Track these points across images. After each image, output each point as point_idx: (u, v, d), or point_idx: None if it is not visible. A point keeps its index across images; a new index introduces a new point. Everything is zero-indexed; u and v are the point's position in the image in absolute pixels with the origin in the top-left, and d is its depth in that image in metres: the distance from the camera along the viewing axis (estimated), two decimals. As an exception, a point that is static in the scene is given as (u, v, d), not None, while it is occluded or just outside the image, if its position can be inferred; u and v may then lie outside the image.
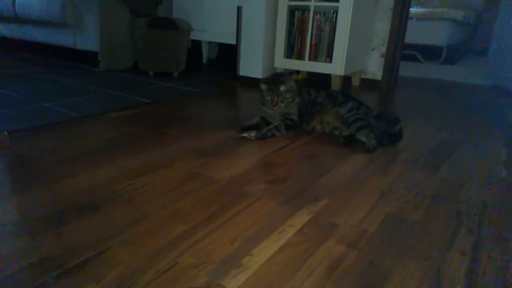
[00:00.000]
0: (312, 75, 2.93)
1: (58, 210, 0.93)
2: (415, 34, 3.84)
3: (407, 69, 3.39)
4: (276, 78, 1.57)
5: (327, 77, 2.53)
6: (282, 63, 2.63)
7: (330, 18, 2.40)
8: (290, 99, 1.56)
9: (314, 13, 2.44)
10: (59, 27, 2.99)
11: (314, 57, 2.51)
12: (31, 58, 3.20)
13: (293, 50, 2.59)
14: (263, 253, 0.80)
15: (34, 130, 1.48)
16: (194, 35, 3.09)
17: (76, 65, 2.94)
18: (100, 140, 1.42)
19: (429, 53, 4.14)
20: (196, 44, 3.40)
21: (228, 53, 3.28)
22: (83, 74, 2.63)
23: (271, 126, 1.56)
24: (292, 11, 2.53)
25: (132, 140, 1.44)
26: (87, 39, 2.83)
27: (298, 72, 2.91)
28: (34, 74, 2.54)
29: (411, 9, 2.72)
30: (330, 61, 2.43)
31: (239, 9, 2.76)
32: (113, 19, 2.73)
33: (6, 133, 1.31)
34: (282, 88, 1.53)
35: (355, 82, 2.73)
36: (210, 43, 3.48)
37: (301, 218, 0.94)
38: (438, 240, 0.88)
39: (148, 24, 2.59)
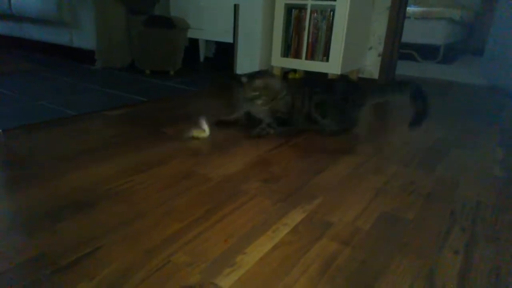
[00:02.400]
0: (309, 74, 2.93)
1: (53, 207, 0.93)
2: (412, 33, 3.84)
3: (404, 68, 3.39)
4: (254, 75, 1.57)
5: (324, 76, 2.53)
6: (279, 61, 2.63)
7: (327, 16, 2.40)
8: (268, 96, 1.53)
9: (311, 11, 2.44)
10: (55, 25, 2.97)
11: (311, 56, 2.51)
12: (27, 56, 3.19)
13: (290, 48, 2.59)
14: (257, 251, 0.80)
15: (30, 128, 1.47)
16: (191, 33, 3.09)
17: (73, 63, 2.93)
18: (96, 138, 1.42)
19: (426, 52, 4.15)
20: (194, 42, 3.40)
21: (226, 52, 3.28)
22: (80, 72, 2.62)
23: (263, 124, 1.56)
24: (289, 9, 2.53)
25: (129, 138, 1.44)
26: (83, 37, 2.82)
27: (295, 71, 2.91)
28: (30, 72, 2.53)
29: (408, 8, 2.73)
30: (327, 60, 2.43)
31: (236, 7, 2.76)
32: (110, 17, 2.72)
33: (0, 131, 1.31)
34: (258, 83, 1.52)
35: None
36: (207, 41, 3.47)
37: (296, 217, 0.94)
38: (431, 239, 0.89)
39: (145, 22, 2.59)
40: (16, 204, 0.94)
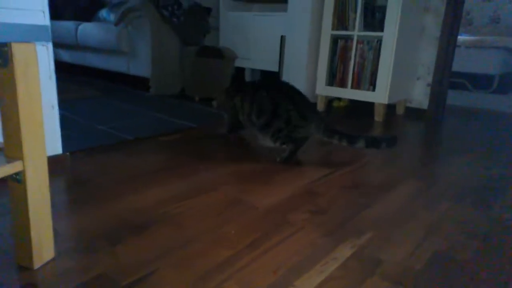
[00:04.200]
0: (354, 102, 2.92)
1: (112, 229, 0.99)
2: (464, 62, 3.73)
3: (455, 98, 3.28)
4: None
5: (369, 105, 2.51)
6: (324, 90, 2.65)
7: (374, 46, 2.41)
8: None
9: (358, 42, 2.46)
10: (114, 54, 3.23)
11: (356, 85, 2.51)
12: (88, 82, 3.46)
13: (335, 77, 2.61)
14: (306, 285, 0.80)
15: (92, 151, 1.59)
16: (238, 63, 3.21)
17: (129, 90, 3.14)
18: (150, 162, 1.51)
19: (479, 82, 3.98)
20: (240, 70, 3.52)
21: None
22: (135, 98, 2.80)
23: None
24: (335, 40, 2.57)
25: (180, 163, 1.51)
26: (139, 65, 3.03)
27: (339, 99, 2.91)
28: (91, 98, 2.75)
29: (459, 36, 2.66)
30: (373, 90, 2.42)
31: (282, 38, 2.85)
32: (164, 47, 2.91)
33: (68, 153, 1.43)
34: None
35: (400, 111, 2.68)
36: (253, 69, 3.59)
37: (345, 251, 0.93)
38: (489, 284, 0.84)
39: (197, 52, 2.74)
40: (79, 225, 1.02)
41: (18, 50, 0.69)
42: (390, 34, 2.29)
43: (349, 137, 1.51)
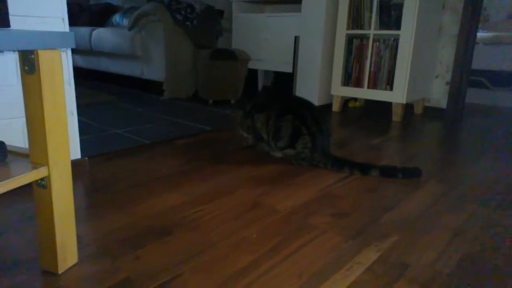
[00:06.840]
0: (370, 103, 2.88)
1: (134, 234, 0.99)
2: (482, 60, 3.65)
3: (474, 96, 3.21)
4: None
5: (386, 105, 2.47)
6: (339, 90, 2.62)
7: (390, 45, 2.37)
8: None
9: (374, 41, 2.43)
10: (128, 59, 3.26)
11: (373, 84, 2.48)
12: (103, 87, 3.50)
13: (350, 77, 2.58)
14: (332, 290, 0.78)
15: (109, 156, 1.60)
16: (251, 64, 3.21)
17: (143, 94, 3.17)
18: (168, 166, 1.51)
19: (499, 79, 3.89)
20: (253, 72, 3.52)
21: (284, 81, 3.35)
22: (149, 102, 2.82)
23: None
24: (350, 39, 2.54)
25: (197, 166, 1.51)
26: (153, 69, 3.05)
27: (355, 99, 2.88)
28: (107, 102, 2.78)
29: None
30: (391, 89, 2.38)
31: (296, 39, 2.83)
32: (178, 51, 2.92)
33: (86, 158, 1.44)
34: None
35: (418, 110, 2.63)
36: (266, 71, 3.58)
37: (369, 255, 0.91)
38: (524, 289, 0.81)
39: (210, 55, 2.74)
40: (100, 230, 1.02)
41: (44, 58, 0.69)
42: (407, 32, 2.26)
43: (361, 166, 1.48)
